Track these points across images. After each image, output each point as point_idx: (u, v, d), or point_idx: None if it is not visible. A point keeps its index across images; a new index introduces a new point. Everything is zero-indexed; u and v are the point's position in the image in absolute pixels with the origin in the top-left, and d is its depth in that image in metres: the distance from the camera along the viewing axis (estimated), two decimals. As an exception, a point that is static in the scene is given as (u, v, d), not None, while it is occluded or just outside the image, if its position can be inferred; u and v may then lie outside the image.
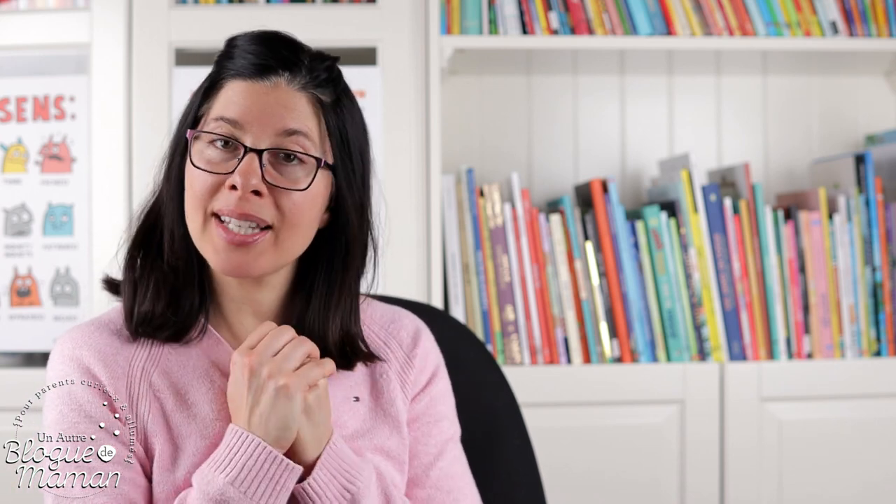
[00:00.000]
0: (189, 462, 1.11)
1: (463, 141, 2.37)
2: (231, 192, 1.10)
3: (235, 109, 1.11)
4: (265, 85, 1.12)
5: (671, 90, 2.41)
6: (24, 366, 2.06)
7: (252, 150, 1.10)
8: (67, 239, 2.03)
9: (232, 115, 1.11)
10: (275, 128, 1.11)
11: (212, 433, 1.12)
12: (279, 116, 1.11)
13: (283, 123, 1.11)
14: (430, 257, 2.04)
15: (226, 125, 1.11)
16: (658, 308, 2.08)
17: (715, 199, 2.08)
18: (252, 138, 1.11)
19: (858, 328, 2.10)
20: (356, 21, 2.05)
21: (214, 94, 1.14)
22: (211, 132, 1.12)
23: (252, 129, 1.11)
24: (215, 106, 1.13)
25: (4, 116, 2.04)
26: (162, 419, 1.12)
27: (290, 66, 1.13)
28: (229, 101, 1.12)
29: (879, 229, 2.10)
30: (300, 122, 1.12)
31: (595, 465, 2.04)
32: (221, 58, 1.16)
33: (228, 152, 1.11)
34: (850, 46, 2.14)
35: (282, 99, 1.12)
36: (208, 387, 1.15)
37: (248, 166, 1.10)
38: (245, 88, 1.12)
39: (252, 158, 1.10)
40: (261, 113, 1.11)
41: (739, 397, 2.05)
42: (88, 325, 1.18)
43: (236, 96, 1.12)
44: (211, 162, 1.11)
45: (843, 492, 2.07)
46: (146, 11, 2.01)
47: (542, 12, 2.10)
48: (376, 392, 1.23)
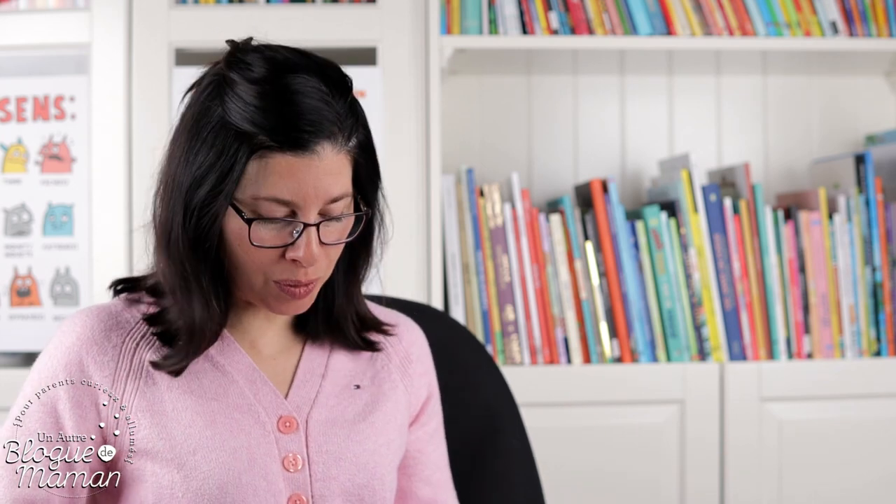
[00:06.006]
0: (186, 432, 1.13)
1: (463, 141, 2.37)
2: (292, 263, 1.11)
3: (288, 191, 1.09)
4: (312, 158, 1.09)
5: (671, 90, 2.41)
6: (24, 366, 2.06)
7: (310, 225, 1.10)
8: (67, 239, 2.03)
9: (286, 196, 1.09)
10: (323, 199, 1.10)
11: (207, 409, 1.14)
12: (327, 188, 1.10)
13: (330, 193, 1.10)
14: (430, 257, 2.04)
15: (280, 206, 1.09)
16: (658, 308, 2.08)
17: (715, 199, 2.08)
18: (304, 212, 1.10)
19: (858, 328, 2.10)
20: (356, 21, 2.05)
21: (250, 161, 1.09)
22: (271, 218, 1.10)
23: (303, 203, 1.10)
24: (261, 182, 1.09)
25: (4, 116, 2.04)
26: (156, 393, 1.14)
27: (331, 129, 1.10)
28: (279, 180, 1.09)
29: (879, 229, 2.10)
30: (344, 185, 1.12)
31: (595, 465, 2.04)
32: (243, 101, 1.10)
33: (284, 225, 1.11)
34: (850, 46, 2.14)
35: (327, 168, 1.10)
36: (210, 367, 1.17)
37: (310, 242, 1.10)
38: (293, 165, 1.08)
39: (311, 233, 1.10)
40: (314, 189, 1.09)
41: (739, 397, 2.05)
42: (89, 309, 1.19)
43: (286, 174, 1.08)
44: (268, 237, 1.11)
45: (843, 492, 2.07)
46: (146, 11, 2.01)
47: (542, 12, 2.10)
48: (378, 381, 1.25)
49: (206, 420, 1.14)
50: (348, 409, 1.21)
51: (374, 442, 1.21)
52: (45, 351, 1.17)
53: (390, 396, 1.25)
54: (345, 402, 1.21)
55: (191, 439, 1.13)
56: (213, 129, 1.09)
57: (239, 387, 1.17)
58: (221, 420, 1.14)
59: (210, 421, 1.14)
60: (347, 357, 1.25)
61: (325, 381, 1.22)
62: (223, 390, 1.16)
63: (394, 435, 1.24)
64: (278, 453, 1.16)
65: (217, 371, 1.17)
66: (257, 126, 1.08)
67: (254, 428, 1.15)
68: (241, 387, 1.17)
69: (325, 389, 1.21)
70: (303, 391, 1.20)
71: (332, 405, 1.20)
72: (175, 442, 1.12)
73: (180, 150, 1.12)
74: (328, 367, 1.23)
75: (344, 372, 1.24)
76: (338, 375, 1.23)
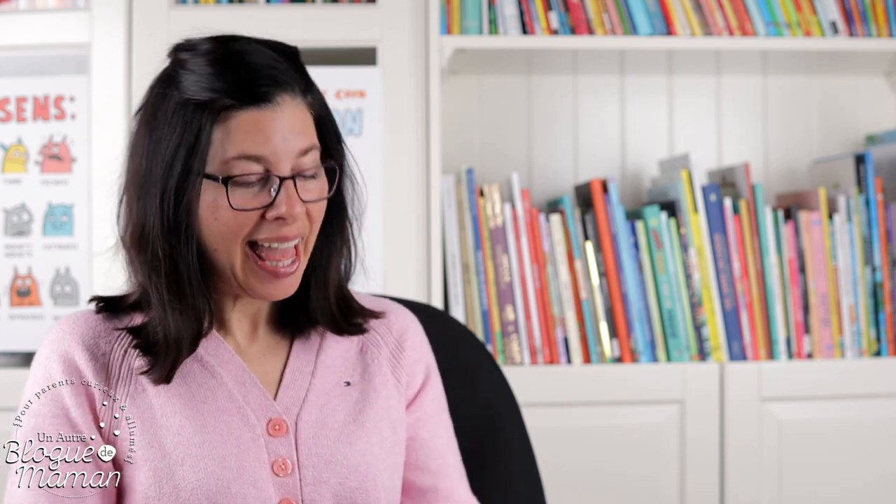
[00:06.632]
0: (175, 440, 1.12)
1: (463, 141, 2.37)
2: (275, 222, 1.11)
3: (257, 145, 1.09)
4: (274, 110, 1.10)
5: (671, 90, 2.41)
6: (24, 366, 2.06)
7: (286, 179, 1.10)
8: (67, 239, 2.03)
9: (256, 150, 1.09)
10: (293, 151, 1.11)
11: (196, 413, 1.14)
12: (294, 140, 1.11)
13: (299, 145, 1.11)
14: (430, 257, 2.04)
15: (252, 163, 1.10)
16: (658, 308, 2.08)
17: (715, 199, 2.08)
18: (277, 166, 1.10)
19: (858, 328, 2.10)
20: (356, 21, 2.05)
21: (215, 127, 1.10)
22: (246, 175, 1.10)
23: (275, 157, 1.10)
24: (229, 144, 1.10)
25: (4, 116, 2.04)
26: (145, 399, 1.13)
27: (287, 82, 1.12)
28: (246, 136, 1.10)
29: (879, 229, 2.10)
30: (310, 137, 1.13)
31: (595, 465, 2.04)
32: (192, 79, 1.11)
33: (258, 184, 1.11)
34: (850, 46, 2.14)
35: (291, 120, 1.11)
36: (199, 369, 1.16)
37: (290, 195, 1.10)
38: (257, 119, 1.10)
39: (288, 186, 1.10)
40: (282, 140, 1.10)
41: (739, 397, 2.05)
42: (75, 315, 1.19)
43: (252, 129, 1.10)
44: (245, 199, 1.11)
45: (843, 492, 2.07)
46: (146, 11, 2.01)
47: (542, 12, 2.10)
48: (367, 376, 1.23)
49: (195, 425, 1.13)
50: (339, 409, 1.20)
51: (367, 442, 1.19)
52: (37, 362, 1.16)
53: (381, 392, 1.23)
54: (335, 401, 1.20)
55: (179, 447, 1.12)
56: (173, 111, 1.11)
57: (227, 389, 1.16)
58: (211, 424, 1.14)
59: (199, 426, 1.13)
60: (337, 352, 1.24)
61: (314, 380, 1.21)
62: (212, 393, 1.15)
63: (387, 432, 1.22)
64: (268, 458, 1.15)
65: (206, 372, 1.16)
66: (215, 91, 1.09)
67: (243, 432, 1.15)
68: (229, 388, 1.16)
69: (314, 388, 1.20)
70: (291, 391, 1.19)
71: (323, 404, 1.19)
72: (165, 451, 1.12)
73: (142, 145, 1.13)
74: (317, 365, 1.22)
75: (333, 369, 1.22)
76: (327, 372, 1.21)
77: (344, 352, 1.24)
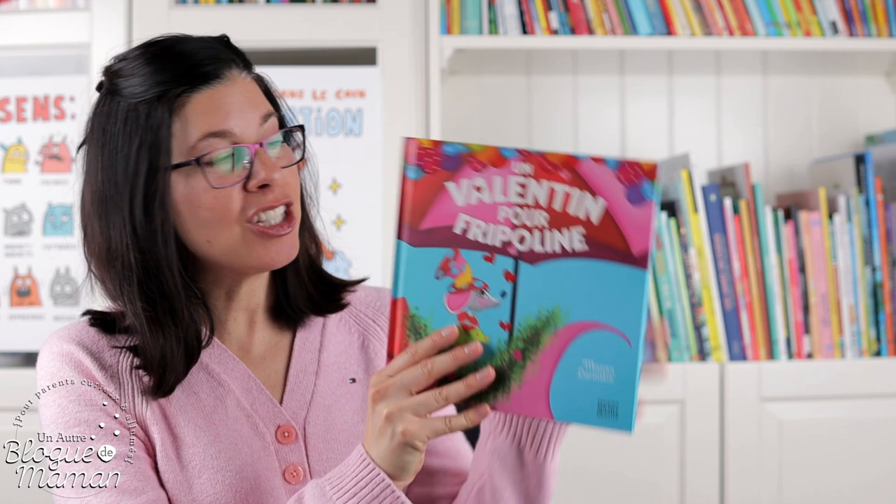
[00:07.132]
0: (190, 452, 1.11)
1: (463, 141, 2.36)
2: (260, 191, 1.10)
3: (218, 120, 1.09)
4: (226, 84, 1.10)
5: (671, 90, 2.41)
6: (24, 366, 2.06)
7: (258, 146, 1.10)
8: (67, 239, 2.03)
9: (219, 126, 1.09)
10: (255, 120, 1.11)
11: (209, 423, 1.12)
12: (252, 109, 1.11)
13: (259, 112, 1.11)
14: (430, 257, 2.04)
15: (218, 140, 1.09)
16: (658, 308, 2.08)
17: (715, 199, 2.08)
18: (243, 137, 1.10)
19: (858, 328, 2.10)
20: (356, 21, 2.05)
21: (173, 118, 1.09)
22: (216, 152, 1.09)
23: (239, 130, 1.10)
24: (190, 129, 1.09)
25: (4, 116, 2.04)
26: (158, 408, 1.12)
27: (228, 59, 1.12)
28: (206, 116, 1.09)
29: (879, 229, 2.10)
30: (266, 104, 1.13)
31: (595, 465, 2.04)
32: (131, 85, 1.10)
33: (229, 161, 1.10)
34: (850, 46, 2.14)
35: (244, 92, 1.11)
36: (205, 377, 1.15)
37: (266, 160, 1.10)
38: (212, 97, 1.09)
39: (261, 153, 1.10)
40: (241, 112, 1.10)
41: (739, 397, 2.05)
42: (74, 325, 1.17)
43: (210, 108, 1.09)
44: (223, 177, 1.09)
45: (843, 492, 2.07)
46: (146, 11, 2.01)
47: (542, 12, 2.10)
48: (371, 370, 1.23)
49: (209, 437, 1.12)
50: (346, 409, 1.19)
51: None
52: (41, 367, 1.14)
53: None
54: (342, 401, 1.19)
55: (195, 459, 1.11)
56: (124, 120, 1.09)
57: (235, 396, 1.15)
58: (224, 434, 1.13)
59: (213, 437, 1.12)
60: (338, 349, 1.23)
61: (318, 380, 1.20)
62: (221, 402, 1.14)
63: None
64: (279, 466, 1.14)
65: (213, 381, 1.15)
66: (163, 83, 1.08)
67: (254, 440, 1.14)
68: (237, 396, 1.15)
69: (319, 389, 1.19)
70: (297, 394, 1.18)
71: (329, 405, 1.18)
72: (182, 463, 1.11)
73: (95, 166, 1.11)
74: (320, 363, 1.21)
75: (337, 366, 1.21)
76: (330, 370, 1.21)
77: (346, 347, 1.24)
